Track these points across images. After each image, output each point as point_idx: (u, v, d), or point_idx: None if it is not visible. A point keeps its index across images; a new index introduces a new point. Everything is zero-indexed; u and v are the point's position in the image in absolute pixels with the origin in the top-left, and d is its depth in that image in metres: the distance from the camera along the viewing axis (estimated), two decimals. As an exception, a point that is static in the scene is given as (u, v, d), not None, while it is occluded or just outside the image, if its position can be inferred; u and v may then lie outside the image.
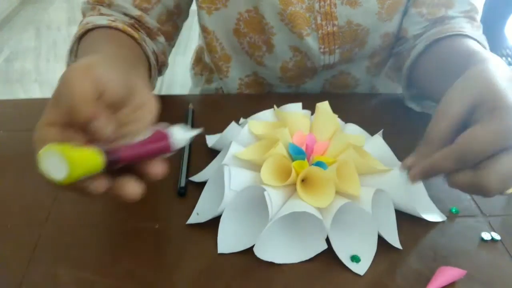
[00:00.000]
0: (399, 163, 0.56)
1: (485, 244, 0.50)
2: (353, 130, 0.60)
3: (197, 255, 0.48)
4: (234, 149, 0.54)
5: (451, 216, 0.53)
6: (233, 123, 0.59)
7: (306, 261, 0.47)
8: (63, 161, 0.33)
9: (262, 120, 0.59)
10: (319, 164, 0.52)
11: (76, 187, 0.35)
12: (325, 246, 0.48)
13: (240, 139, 0.56)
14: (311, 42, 0.70)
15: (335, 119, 0.58)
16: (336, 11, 0.68)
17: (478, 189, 0.42)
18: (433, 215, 0.52)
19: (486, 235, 0.50)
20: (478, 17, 0.71)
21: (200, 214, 0.51)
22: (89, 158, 0.35)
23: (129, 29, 0.63)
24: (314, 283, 0.45)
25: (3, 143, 0.63)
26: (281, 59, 0.74)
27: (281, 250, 0.48)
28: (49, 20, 3.05)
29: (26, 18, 3.06)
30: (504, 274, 0.47)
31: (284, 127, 0.55)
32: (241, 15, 0.70)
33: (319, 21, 0.69)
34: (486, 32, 0.72)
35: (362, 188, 0.50)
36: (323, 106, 0.59)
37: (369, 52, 0.75)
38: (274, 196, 0.48)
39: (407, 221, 0.51)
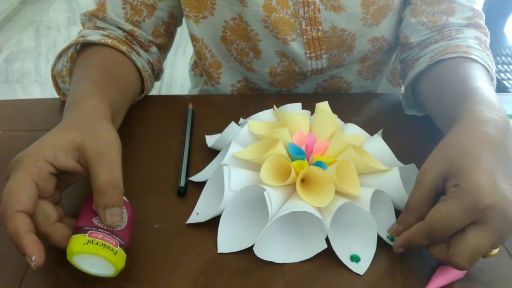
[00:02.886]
0: (399, 162, 0.56)
1: (485, 244, 0.50)
2: (353, 130, 0.60)
3: (197, 255, 0.48)
4: (234, 149, 0.54)
5: (451, 216, 0.53)
6: (232, 123, 0.59)
7: (306, 261, 0.47)
8: (105, 262, 0.43)
9: (261, 120, 0.59)
10: (318, 164, 0.52)
11: None
12: (325, 246, 0.48)
13: (240, 139, 0.56)
14: (296, 47, 0.71)
15: (335, 119, 0.58)
16: (320, 16, 0.68)
17: (451, 265, 0.43)
18: None
19: (486, 235, 0.50)
20: (483, 21, 0.69)
21: (199, 213, 0.51)
22: (121, 254, 0.44)
23: (117, 45, 0.66)
24: (314, 283, 0.45)
25: (3, 143, 0.63)
26: (269, 64, 0.75)
27: (280, 249, 0.48)
28: (49, 20, 3.05)
29: (26, 18, 3.06)
30: (504, 274, 0.47)
31: (284, 127, 0.55)
32: (227, 23, 0.71)
33: (303, 27, 0.69)
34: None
35: (362, 188, 0.50)
36: (323, 106, 0.59)
37: (358, 57, 0.75)
38: (273, 196, 0.48)
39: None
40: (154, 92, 0.76)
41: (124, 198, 0.48)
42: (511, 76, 1.33)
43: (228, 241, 0.49)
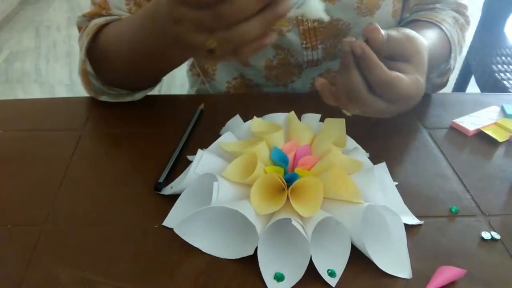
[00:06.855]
0: (383, 203, 0.50)
1: (485, 243, 0.50)
2: (356, 155, 0.56)
3: (197, 255, 0.48)
4: (224, 139, 0.55)
5: (451, 215, 0.53)
6: (237, 116, 0.61)
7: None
8: None
9: (271, 121, 0.58)
10: (292, 175, 0.50)
11: None
12: (250, 253, 0.47)
13: (240, 132, 0.57)
14: (293, 38, 0.71)
15: (340, 139, 0.56)
16: None
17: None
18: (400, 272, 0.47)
19: (486, 235, 0.50)
20: (467, 11, 0.77)
21: (173, 188, 0.53)
22: None
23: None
24: (313, 284, 0.45)
25: (3, 143, 0.63)
26: (265, 57, 0.75)
27: (208, 239, 0.48)
28: (49, 20, 3.05)
29: (26, 18, 3.06)
30: (504, 274, 0.47)
31: (278, 132, 0.54)
32: None
33: (299, 17, 0.70)
34: (486, 32, 0.72)
35: (320, 211, 0.48)
36: (332, 124, 0.56)
37: None
38: (225, 189, 0.48)
39: (407, 220, 0.51)
40: (154, 92, 0.76)
41: None
42: (511, 76, 1.33)
43: (176, 219, 0.50)
